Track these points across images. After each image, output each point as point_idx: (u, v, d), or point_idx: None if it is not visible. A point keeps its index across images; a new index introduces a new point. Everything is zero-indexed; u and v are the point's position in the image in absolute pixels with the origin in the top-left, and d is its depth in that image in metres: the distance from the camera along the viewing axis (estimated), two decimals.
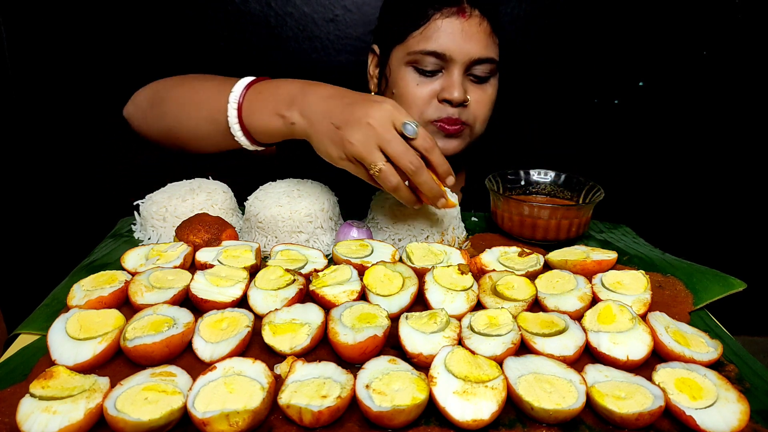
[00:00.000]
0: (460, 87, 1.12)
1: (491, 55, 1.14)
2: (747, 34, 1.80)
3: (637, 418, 0.56)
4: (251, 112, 0.97)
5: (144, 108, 1.13)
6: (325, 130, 0.88)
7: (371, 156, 0.85)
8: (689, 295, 0.86)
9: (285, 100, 0.93)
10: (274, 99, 0.95)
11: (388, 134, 0.85)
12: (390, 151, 0.85)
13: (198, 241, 0.90)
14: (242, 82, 0.99)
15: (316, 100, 0.91)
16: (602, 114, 1.92)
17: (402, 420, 0.56)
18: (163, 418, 0.53)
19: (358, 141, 0.85)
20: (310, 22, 1.76)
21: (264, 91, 0.97)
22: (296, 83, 0.95)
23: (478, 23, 1.12)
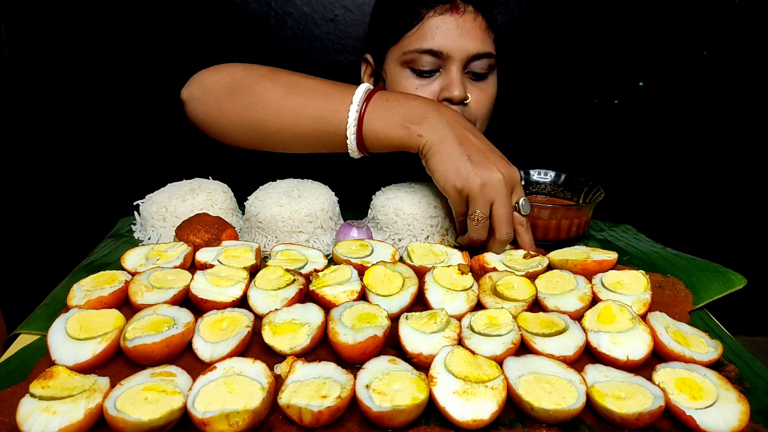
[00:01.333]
0: (460, 84, 1.11)
1: (488, 50, 1.13)
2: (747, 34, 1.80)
3: (637, 418, 0.56)
4: (375, 118, 0.95)
5: (217, 94, 1.03)
6: (456, 155, 0.89)
7: (484, 205, 0.89)
8: (689, 295, 0.86)
9: (417, 114, 0.93)
10: (404, 110, 0.94)
11: (507, 198, 0.89)
12: (498, 213, 0.89)
13: (198, 241, 0.90)
14: (364, 87, 0.97)
15: (450, 122, 0.92)
16: (602, 114, 1.92)
17: (402, 420, 0.56)
18: (163, 418, 0.53)
19: (482, 185, 0.87)
20: (310, 22, 1.76)
21: (392, 101, 0.96)
22: (427, 100, 0.96)
23: (472, 19, 1.11)
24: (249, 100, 1.00)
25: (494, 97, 1.21)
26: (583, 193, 1.13)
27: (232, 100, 1.02)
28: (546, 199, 1.17)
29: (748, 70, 1.85)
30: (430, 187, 1.05)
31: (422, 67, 1.12)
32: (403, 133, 0.93)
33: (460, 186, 0.89)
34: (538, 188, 1.19)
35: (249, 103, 1.00)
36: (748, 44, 1.81)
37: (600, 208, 1.09)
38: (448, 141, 0.90)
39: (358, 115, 0.95)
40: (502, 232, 0.90)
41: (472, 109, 1.16)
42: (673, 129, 1.94)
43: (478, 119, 1.19)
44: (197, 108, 1.05)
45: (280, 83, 1.00)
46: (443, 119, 0.93)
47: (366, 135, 0.96)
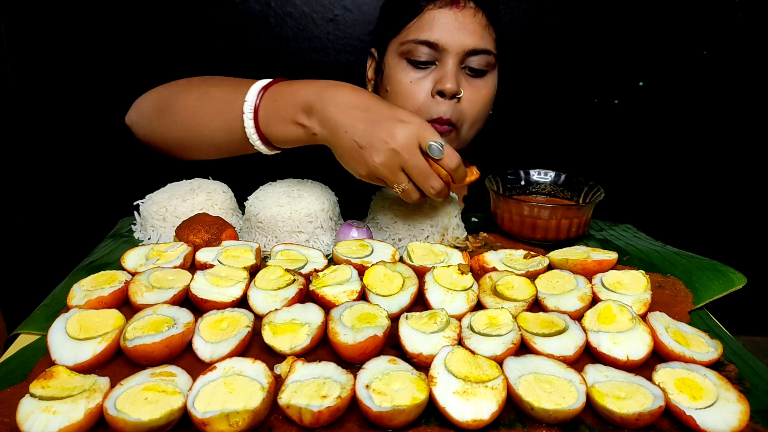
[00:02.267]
0: (453, 78, 1.10)
1: (486, 47, 1.12)
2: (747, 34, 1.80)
3: (637, 418, 0.56)
4: (268, 121, 0.94)
5: (149, 115, 1.09)
6: (348, 146, 0.88)
7: (395, 178, 0.88)
8: (689, 295, 0.86)
9: (302, 107, 0.90)
10: (291, 106, 0.91)
11: (412, 159, 0.86)
12: (413, 176, 0.88)
13: (198, 241, 0.90)
14: (255, 87, 0.95)
15: (335, 110, 0.89)
16: (602, 114, 1.92)
17: (402, 420, 0.56)
18: (163, 418, 0.53)
19: (382, 165, 0.86)
20: (310, 22, 1.76)
21: (279, 98, 0.93)
22: (313, 87, 0.91)
23: (472, 14, 1.10)
24: (171, 119, 1.05)
25: (490, 98, 1.19)
26: (583, 193, 1.13)
27: (159, 120, 1.08)
28: (546, 199, 1.17)
29: (748, 70, 1.85)
30: None
31: (418, 59, 1.12)
32: (301, 132, 0.92)
33: (365, 173, 0.89)
34: (538, 188, 1.19)
35: (171, 121, 1.06)
36: (748, 44, 1.81)
37: (600, 208, 1.09)
38: (338, 133, 0.88)
39: (254, 123, 0.94)
40: (428, 191, 0.89)
41: (464, 106, 1.14)
42: (673, 129, 1.94)
43: (468, 119, 1.16)
44: (137, 132, 1.13)
45: (192, 97, 1.03)
46: (327, 107, 0.89)
47: (269, 138, 0.96)
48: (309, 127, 0.91)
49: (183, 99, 1.04)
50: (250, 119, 0.94)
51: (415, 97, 1.13)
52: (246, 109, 0.94)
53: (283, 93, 0.93)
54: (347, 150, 0.88)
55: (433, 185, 0.88)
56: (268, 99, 0.94)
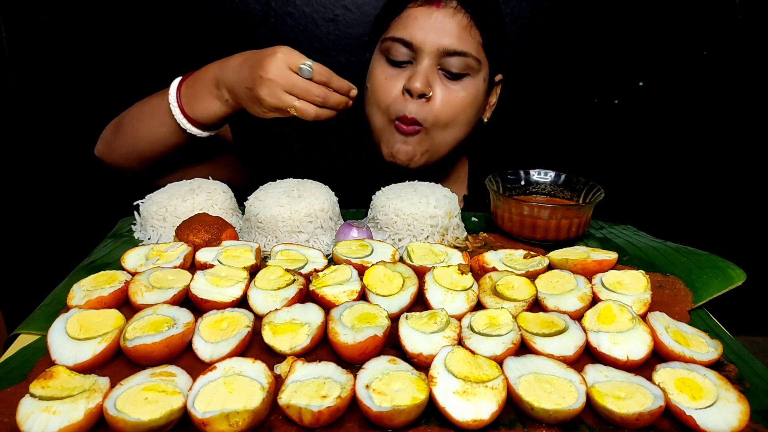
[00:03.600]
0: (423, 78, 1.09)
1: (464, 49, 1.09)
2: (747, 34, 1.80)
3: (637, 418, 0.56)
4: (189, 103, 1.09)
5: (108, 139, 1.24)
6: (244, 95, 1.03)
7: (282, 102, 1.01)
8: (689, 294, 0.86)
9: (211, 81, 1.07)
10: (203, 85, 1.08)
11: (288, 80, 1.00)
12: (295, 93, 1.00)
13: (198, 241, 0.90)
14: (175, 82, 1.12)
15: (231, 73, 1.05)
16: (602, 114, 1.92)
17: (402, 420, 0.56)
18: (163, 418, 0.53)
19: (267, 95, 1.00)
20: (310, 22, 1.76)
21: (193, 83, 1.09)
22: (215, 64, 1.09)
23: (451, 14, 1.09)
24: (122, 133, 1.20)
25: (469, 103, 1.15)
26: (583, 193, 1.13)
27: (115, 139, 1.22)
28: (546, 199, 1.17)
29: (748, 70, 1.85)
30: (430, 187, 1.05)
31: (395, 56, 1.13)
32: (220, 103, 1.08)
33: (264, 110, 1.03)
34: (538, 188, 1.19)
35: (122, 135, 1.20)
36: (748, 44, 1.81)
37: (600, 207, 1.09)
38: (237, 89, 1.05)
39: (180, 110, 1.10)
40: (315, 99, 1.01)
41: (435, 107, 1.12)
42: (673, 129, 1.94)
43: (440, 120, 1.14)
44: (105, 157, 1.26)
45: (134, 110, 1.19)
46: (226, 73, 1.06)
47: (194, 117, 1.10)
48: (221, 94, 1.07)
49: (128, 114, 1.20)
50: (175, 106, 1.09)
51: (387, 94, 1.14)
52: (171, 101, 1.10)
53: (195, 78, 1.10)
54: (246, 98, 1.04)
55: (316, 94, 1.01)
56: (185, 87, 1.10)
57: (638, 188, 2.01)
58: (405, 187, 1.05)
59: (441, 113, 1.13)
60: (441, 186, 1.06)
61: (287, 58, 1.00)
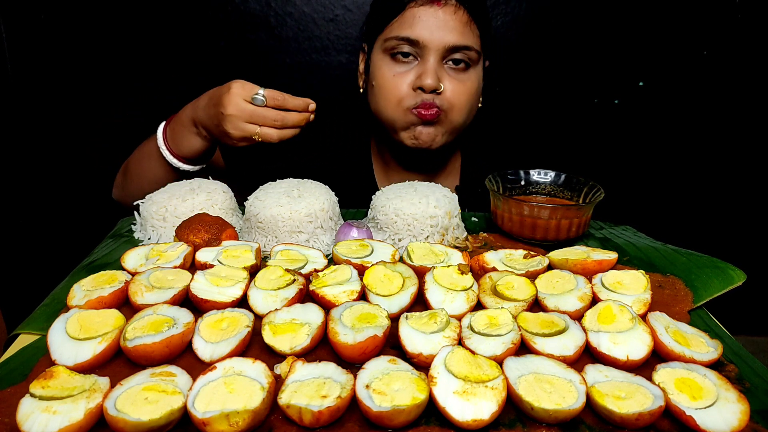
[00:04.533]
0: (433, 74, 1.14)
1: (467, 43, 1.15)
2: (747, 34, 1.80)
3: (637, 418, 0.56)
4: (175, 143, 1.20)
5: (120, 183, 1.35)
6: (215, 130, 1.14)
7: (245, 131, 1.10)
8: (689, 295, 0.86)
9: (188, 121, 1.17)
10: (181, 126, 1.19)
11: (245, 112, 1.09)
12: (255, 121, 1.10)
13: (198, 241, 0.90)
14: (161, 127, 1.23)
15: (201, 113, 1.15)
16: (602, 114, 1.92)
17: (402, 420, 0.56)
18: (163, 418, 0.53)
19: (231, 129, 1.10)
20: (310, 22, 1.76)
21: (174, 125, 1.20)
22: (189, 106, 1.19)
23: (453, 11, 1.14)
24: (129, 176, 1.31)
25: (476, 89, 1.23)
26: (583, 193, 1.13)
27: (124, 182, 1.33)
28: (546, 199, 1.17)
29: (748, 70, 1.85)
30: (430, 187, 1.05)
31: (400, 55, 1.16)
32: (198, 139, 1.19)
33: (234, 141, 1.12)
34: (538, 188, 1.19)
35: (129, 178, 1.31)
36: (748, 44, 1.81)
37: (600, 208, 1.09)
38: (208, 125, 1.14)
39: (168, 149, 1.21)
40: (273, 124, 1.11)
41: (447, 97, 1.18)
42: (673, 129, 1.94)
43: (454, 107, 1.20)
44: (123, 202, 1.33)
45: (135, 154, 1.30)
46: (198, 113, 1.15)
47: (182, 155, 1.21)
48: (199, 132, 1.17)
49: (131, 159, 1.31)
50: (164, 148, 1.21)
51: (397, 90, 1.18)
52: (159, 143, 1.21)
53: (176, 121, 1.21)
54: (217, 133, 1.14)
55: (274, 118, 1.10)
56: (169, 129, 1.21)
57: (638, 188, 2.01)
58: (405, 187, 1.05)
59: (454, 100, 1.19)
60: (441, 186, 1.06)
61: (241, 92, 1.09)
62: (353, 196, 1.14)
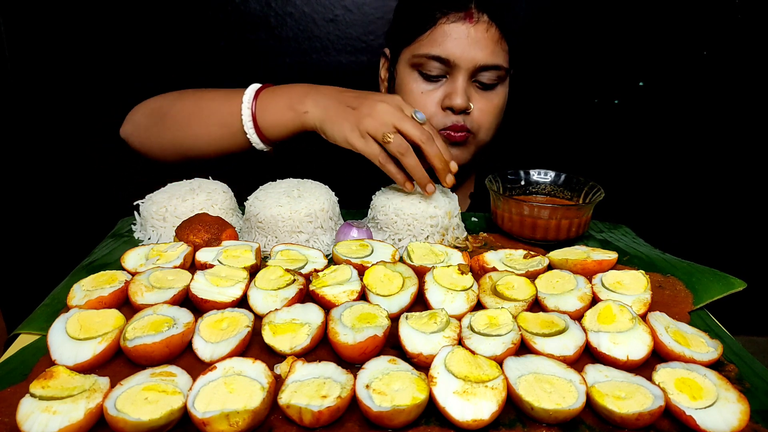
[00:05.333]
0: (463, 94, 1.11)
1: (498, 62, 1.13)
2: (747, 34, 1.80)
3: (637, 418, 0.56)
4: (264, 108, 1.06)
5: (144, 125, 1.18)
6: (341, 111, 0.98)
7: (385, 127, 0.94)
8: (689, 295, 0.86)
9: (298, 95, 1.04)
10: (287, 96, 1.05)
11: (400, 113, 0.95)
12: (406, 129, 0.94)
13: (198, 241, 0.90)
14: (253, 87, 1.09)
15: (328, 92, 1.03)
16: (602, 114, 1.92)
17: (402, 420, 0.56)
18: (163, 418, 0.53)
19: (372, 115, 0.95)
20: (310, 22, 1.76)
21: (277, 91, 1.07)
22: (306, 84, 1.06)
23: (485, 29, 1.10)
24: (167, 124, 1.15)
25: (502, 107, 1.21)
26: (583, 193, 1.13)
27: (155, 126, 1.17)
28: (546, 199, 1.17)
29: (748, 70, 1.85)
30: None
31: (429, 72, 1.13)
32: (292, 115, 1.04)
33: (356, 131, 0.96)
34: (538, 188, 1.19)
35: (167, 126, 1.15)
36: (748, 44, 1.81)
37: (599, 208, 1.09)
38: (330, 105, 1.00)
39: (251, 111, 1.07)
40: (419, 136, 0.95)
41: (475, 118, 1.16)
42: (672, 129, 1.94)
43: (482, 127, 1.18)
44: (133, 141, 1.21)
45: (188, 102, 1.15)
46: (321, 93, 1.03)
47: (261, 126, 1.07)
48: (301, 108, 1.03)
49: (178, 105, 1.15)
50: (248, 108, 1.06)
51: (424, 107, 1.15)
52: (245, 100, 1.07)
53: (280, 88, 1.08)
54: (340, 115, 0.98)
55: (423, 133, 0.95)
56: (266, 93, 1.07)
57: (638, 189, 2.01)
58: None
59: (481, 120, 1.18)
60: (441, 186, 1.06)
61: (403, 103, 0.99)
62: (353, 196, 1.14)
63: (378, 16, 1.75)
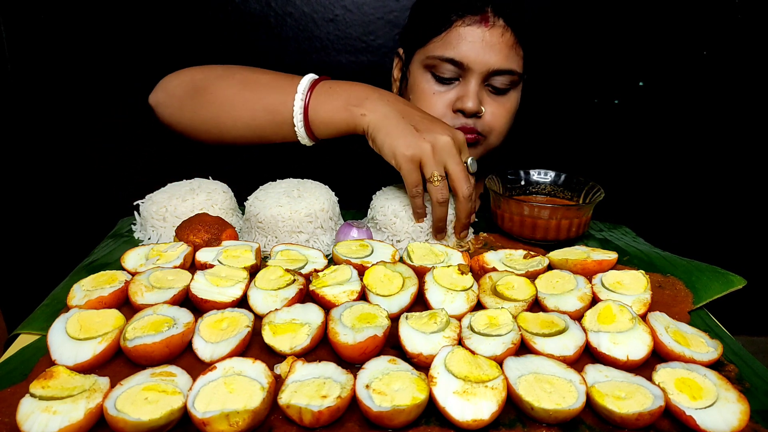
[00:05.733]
0: (474, 98, 1.11)
1: (512, 67, 1.12)
2: (747, 34, 1.80)
3: (637, 418, 0.56)
4: (319, 104, 1.00)
5: (179, 96, 1.11)
6: (401, 127, 0.94)
7: (439, 166, 0.93)
8: (689, 295, 0.86)
9: (359, 96, 0.99)
10: (345, 95, 0.99)
11: (458, 158, 0.94)
12: (455, 172, 0.94)
13: (198, 241, 0.90)
14: (309, 78, 1.03)
15: (391, 100, 0.98)
16: (602, 114, 1.92)
17: (402, 420, 0.56)
18: (163, 418, 0.53)
19: (434, 147, 0.92)
20: (310, 22, 1.76)
21: (335, 87, 1.01)
22: (367, 85, 1.02)
23: (500, 33, 1.10)
24: (207, 99, 1.07)
25: (513, 112, 1.20)
26: (583, 193, 1.13)
27: (192, 100, 1.09)
28: (546, 199, 1.17)
29: (748, 70, 1.85)
30: None
31: (442, 74, 1.13)
32: (347, 115, 0.99)
33: (410, 153, 0.92)
34: (538, 188, 1.19)
35: (207, 102, 1.07)
36: (748, 44, 1.81)
37: (599, 208, 1.09)
38: (391, 116, 0.95)
39: (304, 104, 1.01)
40: (463, 188, 0.94)
41: (486, 121, 1.16)
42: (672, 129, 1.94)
43: (494, 131, 1.18)
44: (163, 111, 1.13)
45: (234, 80, 1.07)
46: (383, 99, 0.98)
47: (312, 121, 1.02)
48: (358, 110, 0.97)
49: (222, 82, 1.07)
50: (301, 100, 1.01)
51: (436, 109, 1.15)
52: (299, 90, 1.01)
53: (338, 84, 1.02)
54: (400, 130, 0.93)
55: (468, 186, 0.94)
56: (323, 87, 1.02)
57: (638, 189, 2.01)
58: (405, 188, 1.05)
59: (493, 124, 1.17)
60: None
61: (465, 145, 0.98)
62: (353, 196, 1.14)
63: (378, 16, 1.75)
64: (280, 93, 1.03)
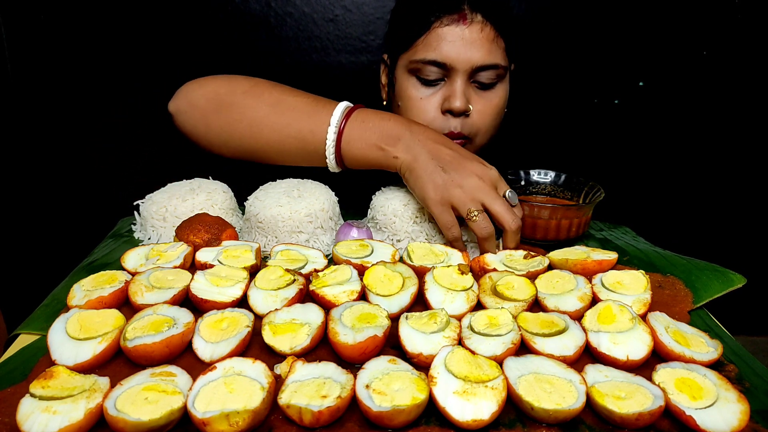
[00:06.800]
0: (462, 96, 1.10)
1: (495, 61, 1.12)
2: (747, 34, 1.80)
3: (637, 418, 0.56)
4: (352, 139, 0.99)
5: (202, 108, 1.08)
6: (429, 169, 0.93)
7: (473, 203, 0.92)
8: (689, 295, 0.86)
9: (391, 135, 0.98)
10: (379, 131, 0.98)
11: (494, 193, 0.92)
12: (494, 208, 0.92)
13: (198, 241, 0.90)
14: (342, 107, 1.01)
15: (423, 139, 0.97)
16: (602, 114, 1.92)
17: (402, 420, 0.56)
18: (163, 418, 0.53)
19: (465, 187, 0.91)
20: (310, 22, 1.76)
21: (368, 121, 0.99)
22: (400, 120, 1.00)
23: (479, 29, 1.09)
24: (234, 117, 1.05)
25: (501, 107, 1.20)
26: (583, 193, 1.13)
27: (218, 116, 1.06)
28: (546, 199, 1.17)
29: (748, 70, 1.85)
30: None
31: (427, 77, 1.12)
32: (380, 155, 0.98)
33: (438, 198, 0.92)
34: (538, 188, 1.19)
35: (234, 120, 1.05)
36: (748, 44, 1.81)
37: (599, 208, 1.09)
38: (421, 158, 0.95)
39: (336, 136, 0.99)
40: (509, 222, 0.92)
41: (474, 120, 1.15)
42: (672, 129, 1.94)
43: (480, 132, 1.17)
44: (185, 121, 1.10)
45: (264, 101, 1.04)
46: (416, 138, 0.97)
47: (344, 155, 1.01)
48: (392, 151, 0.97)
49: (250, 100, 1.05)
50: (333, 133, 0.99)
51: (425, 113, 1.14)
52: (332, 123, 0.99)
53: (372, 118, 1.00)
54: (429, 172, 0.93)
55: (513, 218, 0.92)
56: (356, 120, 1.00)
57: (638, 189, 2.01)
58: (405, 188, 1.05)
59: (481, 122, 1.16)
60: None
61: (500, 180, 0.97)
62: (353, 196, 1.14)
63: (378, 16, 1.75)
64: (313, 121, 1.01)
